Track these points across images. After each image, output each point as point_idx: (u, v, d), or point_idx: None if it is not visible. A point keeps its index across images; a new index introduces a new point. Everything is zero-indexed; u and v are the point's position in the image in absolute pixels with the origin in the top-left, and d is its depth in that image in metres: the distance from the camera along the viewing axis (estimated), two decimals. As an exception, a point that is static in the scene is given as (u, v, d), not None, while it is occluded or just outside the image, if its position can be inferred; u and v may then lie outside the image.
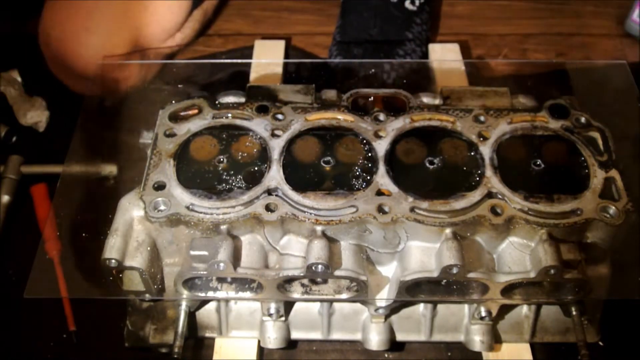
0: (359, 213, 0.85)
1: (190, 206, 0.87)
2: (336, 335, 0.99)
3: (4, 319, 1.07)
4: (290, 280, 0.88)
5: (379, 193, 0.88)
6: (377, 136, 0.94)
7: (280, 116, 0.96)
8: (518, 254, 0.87)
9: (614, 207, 0.86)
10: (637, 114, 1.02)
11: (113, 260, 0.84)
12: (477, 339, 0.95)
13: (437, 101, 1.01)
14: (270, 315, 0.94)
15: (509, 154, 0.93)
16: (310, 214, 0.86)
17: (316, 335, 0.99)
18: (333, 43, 1.37)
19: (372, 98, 1.00)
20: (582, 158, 0.92)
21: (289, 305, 0.97)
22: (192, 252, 0.84)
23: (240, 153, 0.93)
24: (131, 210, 0.88)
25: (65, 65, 1.21)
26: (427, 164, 0.92)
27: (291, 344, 1.00)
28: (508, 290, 0.87)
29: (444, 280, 0.88)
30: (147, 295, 0.90)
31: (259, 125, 0.95)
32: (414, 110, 0.97)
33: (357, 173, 0.91)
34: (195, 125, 0.96)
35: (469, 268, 0.84)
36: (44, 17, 1.24)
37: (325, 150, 0.94)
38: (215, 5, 1.47)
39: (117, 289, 0.88)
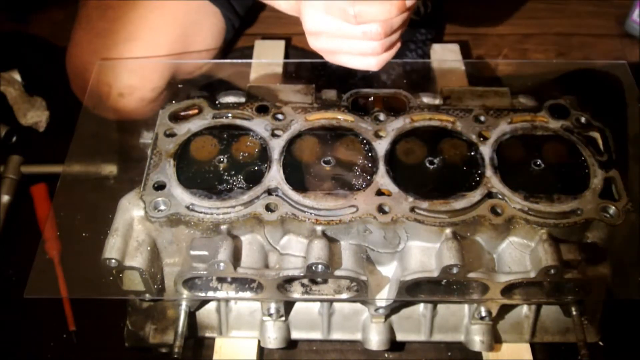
0: (359, 213, 0.85)
1: (191, 206, 0.86)
2: (336, 335, 0.99)
3: (4, 319, 1.07)
4: (290, 280, 0.88)
5: (379, 193, 0.87)
6: (377, 136, 0.94)
7: (280, 116, 0.96)
8: (518, 254, 0.87)
9: (614, 207, 0.86)
10: (637, 114, 1.02)
11: (113, 260, 0.84)
12: (477, 339, 0.95)
13: (437, 101, 1.01)
14: (270, 315, 0.94)
15: (509, 154, 0.93)
16: (310, 214, 0.86)
17: (316, 335, 0.99)
18: None
19: (372, 98, 1.00)
20: (582, 158, 0.92)
21: (289, 305, 0.97)
22: (192, 252, 0.84)
23: (240, 153, 0.93)
24: (131, 210, 0.88)
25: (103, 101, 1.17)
26: (427, 164, 0.92)
27: (291, 344, 1.00)
28: (508, 290, 0.87)
29: (444, 280, 0.88)
30: (147, 295, 0.90)
31: (259, 125, 0.95)
32: (414, 110, 0.97)
33: (357, 173, 0.91)
34: (195, 125, 0.96)
35: (469, 268, 0.84)
36: (77, 49, 1.21)
37: (325, 150, 0.94)
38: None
39: (117, 289, 0.88)
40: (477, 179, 0.89)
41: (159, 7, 1.19)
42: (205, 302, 0.96)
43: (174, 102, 0.99)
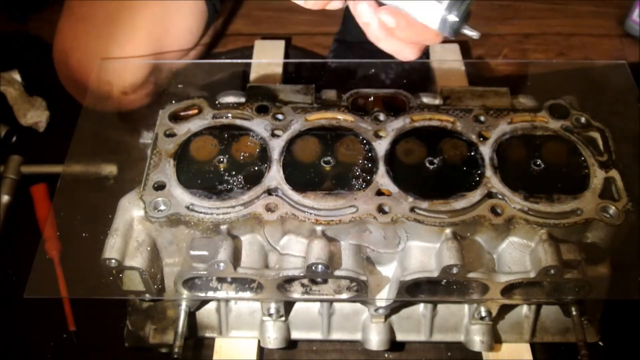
0: (359, 213, 0.85)
1: (190, 206, 0.87)
2: (336, 335, 0.99)
3: (4, 319, 1.07)
4: (290, 280, 0.88)
5: (379, 193, 0.87)
6: (377, 136, 0.94)
7: (280, 116, 0.96)
8: (518, 254, 0.87)
9: (614, 207, 0.86)
10: (637, 114, 1.02)
11: (113, 260, 0.84)
12: (477, 339, 0.95)
13: (437, 101, 1.01)
14: (270, 315, 0.94)
15: (509, 154, 0.93)
16: (310, 214, 0.86)
17: (316, 335, 0.99)
18: (331, 49, 1.37)
19: (372, 98, 1.00)
20: (582, 158, 0.92)
21: (289, 305, 0.97)
22: (192, 252, 0.84)
23: (240, 153, 0.93)
24: (131, 210, 0.88)
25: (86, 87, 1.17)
26: (427, 164, 0.92)
27: (291, 344, 1.00)
28: (508, 290, 0.87)
29: (444, 280, 0.88)
30: (147, 295, 0.90)
31: (259, 125, 0.95)
32: (414, 110, 0.97)
33: (357, 173, 0.91)
34: (195, 125, 0.96)
35: (469, 268, 0.84)
36: (60, 36, 1.22)
37: (325, 150, 0.94)
38: (224, 20, 1.46)
39: (117, 289, 0.88)
40: (477, 179, 0.89)
41: None
42: (205, 302, 0.96)
43: (173, 102, 0.99)
